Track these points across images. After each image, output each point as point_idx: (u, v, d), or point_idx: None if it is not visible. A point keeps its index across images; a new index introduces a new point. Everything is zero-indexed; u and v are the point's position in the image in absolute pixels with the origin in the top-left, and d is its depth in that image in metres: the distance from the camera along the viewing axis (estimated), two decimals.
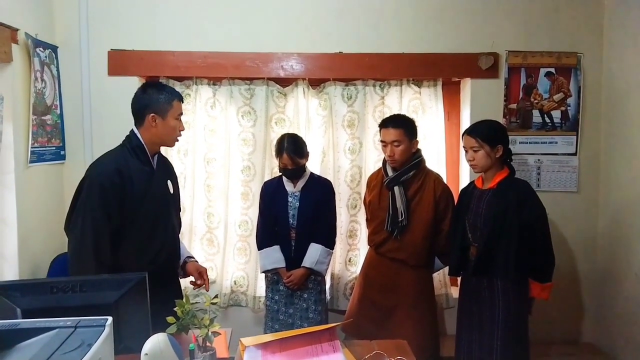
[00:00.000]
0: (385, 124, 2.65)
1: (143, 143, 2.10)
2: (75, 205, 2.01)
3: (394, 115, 2.79)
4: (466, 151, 2.47)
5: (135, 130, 2.12)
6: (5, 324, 1.31)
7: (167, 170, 2.28)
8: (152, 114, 2.08)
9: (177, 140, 2.21)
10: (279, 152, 2.76)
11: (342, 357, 1.69)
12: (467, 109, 3.23)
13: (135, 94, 2.14)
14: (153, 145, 2.14)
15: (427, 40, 3.14)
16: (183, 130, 2.20)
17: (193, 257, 2.37)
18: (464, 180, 3.22)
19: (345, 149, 3.25)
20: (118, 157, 2.07)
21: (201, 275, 2.26)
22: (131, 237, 2.04)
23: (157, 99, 2.09)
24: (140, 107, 2.10)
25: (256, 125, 3.21)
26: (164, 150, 3.15)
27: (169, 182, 2.23)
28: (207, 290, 2.21)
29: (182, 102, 2.19)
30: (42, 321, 1.32)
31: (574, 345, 3.25)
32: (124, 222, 2.01)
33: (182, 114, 2.18)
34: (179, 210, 2.43)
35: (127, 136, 2.14)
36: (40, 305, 1.53)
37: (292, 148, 2.72)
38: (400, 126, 2.61)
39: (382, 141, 2.67)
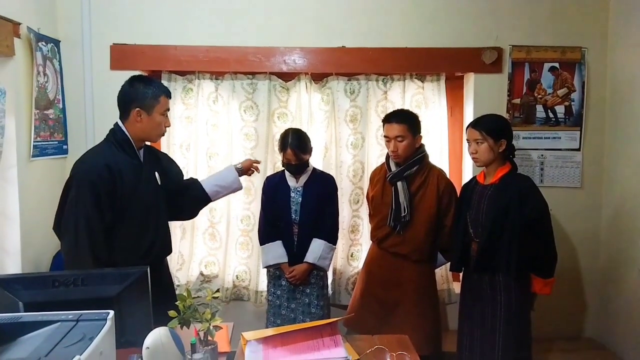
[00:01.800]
0: (389, 119, 2.63)
1: (129, 137, 2.08)
2: (64, 204, 1.99)
3: (398, 110, 2.76)
4: (469, 144, 2.46)
5: (120, 124, 2.09)
6: (8, 317, 1.32)
7: (154, 161, 2.25)
8: (138, 109, 2.06)
9: (162, 135, 2.19)
10: (283, 148, 2.75)
11: (344, 351, 1.70)
12: (470, 104, 3.22)
13: (122, 86, 2.11)
14: (138, 139, 2.12)
15: (430, 34, 3.13)
16: (169, 126, 2.18)
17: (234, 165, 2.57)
18: (467, 176, 3.21)
19: (347, 144, 3.24)
20: (105, 152, 2.05)
21: (250, 167, 2.57)
22: (124, 232, 2.03)
23: (143, 94, 2.06)
24: (126, 101, 2.08)
25: (258, 119, 3.20)
26: (164, 143, 3.19)
27: (156, 174, 2.21)
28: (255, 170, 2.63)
29: (170, 97, 2.17)
30: (44, 315, 1.33)
31: (576, 340, 3.25)
32: (115, 217, 2.00)
33: (168, 109, 2.16)
34: (181, 174, 2.44)
35: (112, 130, 2.11)
36: (42, 299, 1.54)
37: (296, 143, 2.71)
38: (404, 121, 2.59)
39: (385, 136, 2.65)
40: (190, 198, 2.39)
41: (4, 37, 2.45)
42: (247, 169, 2.57)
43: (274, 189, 2.86)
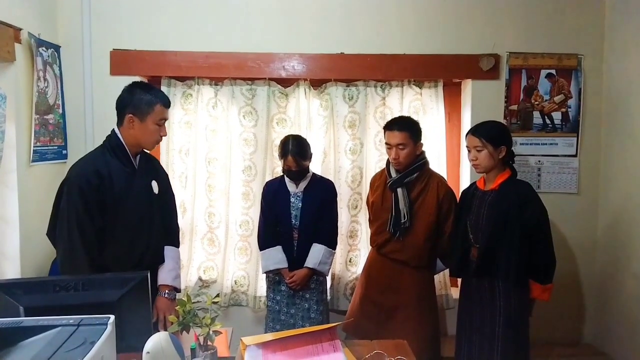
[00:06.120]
0: (390, 126, 2.64)
1: (123, 142, 2.05)
2: (58, 210, 1.98)
3: (399, 117, 2.76)
4: (469, 151, 2.47)
5: (116, 130, 2.07)
6: (8, 322, 1.32)
7: (152, 170, 2.21)
8: (131, 115, 2.03)
9: (157, 144, 2.15)
10: (283, 154, 2.75)
11: (343, 356, 1.70)
12: (467, 110, 3.24)
13: (122, 91, 2.09)
14: (133, 146, 2.08)
15: (428, 41, 3.15)
16: (165, 135, 2.13)
17: (173, 290, 2.18)
18: (465, 182, 3.23)
19: (346, 150, 3.26)
20: (97, 157, 2.04)
21: (164, 317, 2.09)
22: (115, 239, 2.01)
23: (139, 100, 2.03)
24: (121, 106, 2.06)
25: (257, 125, 3.21)
26: (164, 148, 3.20)
27: (154, 183, 2.17)
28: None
29: (168, 107, 2.11)
30: (44, 319, 1.33)
31: (575, 346, 3.25)
32: (106, 223, 1.98)
33: (166, 119, 2.10)
34: (174, 210, 2.35)
35: (108, 135, 2.10)
36: (43, 304, 1.54)
37: (297, 150, 2.72)
38: (406, 129, 2.60)
39: (387, 143, 2.66)
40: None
41: (5, 42, 2.47)
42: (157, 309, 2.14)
43: (273, 194, 2.86)
